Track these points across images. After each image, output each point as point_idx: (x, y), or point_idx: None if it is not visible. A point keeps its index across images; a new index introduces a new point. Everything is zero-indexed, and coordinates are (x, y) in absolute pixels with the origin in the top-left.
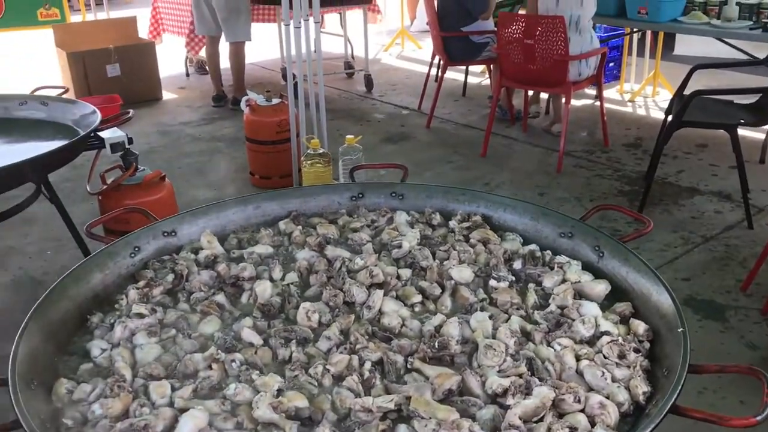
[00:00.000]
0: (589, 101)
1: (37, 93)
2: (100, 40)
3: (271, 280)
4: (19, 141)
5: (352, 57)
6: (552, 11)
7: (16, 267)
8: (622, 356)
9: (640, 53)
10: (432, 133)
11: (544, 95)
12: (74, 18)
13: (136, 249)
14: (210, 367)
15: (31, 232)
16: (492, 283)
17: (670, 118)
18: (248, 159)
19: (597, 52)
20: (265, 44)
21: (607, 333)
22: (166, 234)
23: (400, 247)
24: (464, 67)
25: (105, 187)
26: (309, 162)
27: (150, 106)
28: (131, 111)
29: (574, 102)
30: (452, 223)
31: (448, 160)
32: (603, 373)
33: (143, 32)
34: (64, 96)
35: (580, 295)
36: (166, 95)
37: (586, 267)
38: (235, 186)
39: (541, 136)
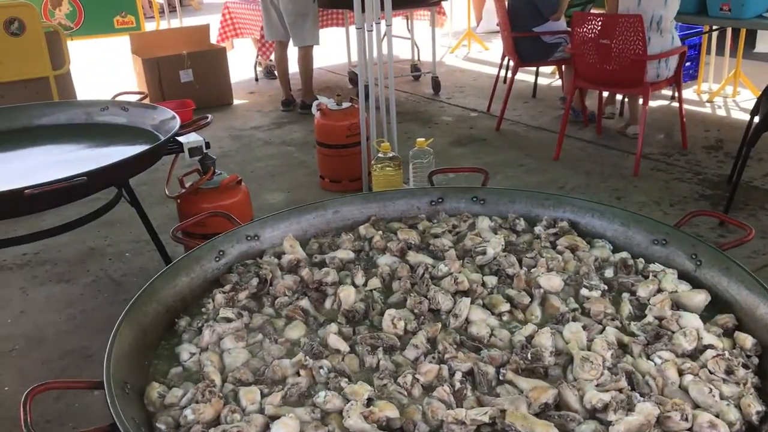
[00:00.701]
0: (664, 102)
1: (118, 99)
2: (173, 46)
3: (354, 285)
4: (102, 145)
5: (419, 59)
6: (633, 10)
7: (96, 268)
8: (729, 372)
9: (719, 51)
10: (502, 135)
11: (618, 96)
12: (149, 25)
13: (221, 253)
14: (298, 374)
15: (110, 234)
16: (583, 292)
17: (756, 119)
18: (318, 162)
19: (676, 51)
20: (331, 48)
21: (711, 347)
22: (249, 238)
23: (484, 253)
24: (534, 68)
25: (183, 190)
26: (379, 165)
27: (221, 111)
28: (210, 116)
29: (650, 103)
30: (538, 229)
31: (520, 163)
32: (710, 389)
33: (215, 39)
34: (143, 101)
35: (677, 305)
36: (237, 100)
37: (683, 276)
38: (305, 189)
39: (616, 138)
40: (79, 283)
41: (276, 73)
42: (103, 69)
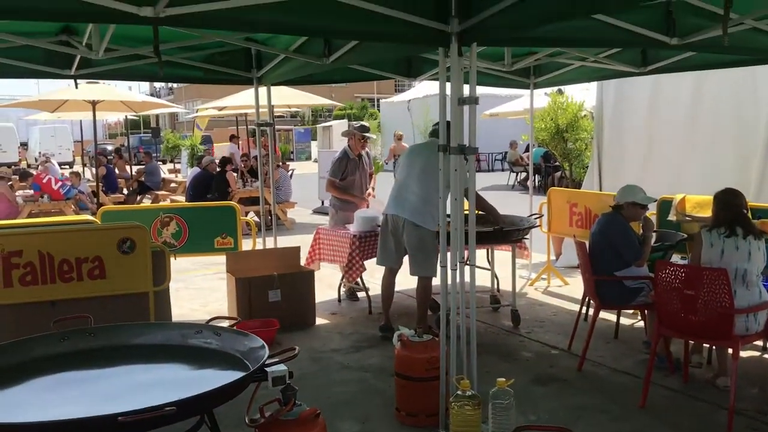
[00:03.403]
0: (756, 353)
1: (212, 323)
2: (265, 267)
3: None
4: (193, 368)
5: (498, 290)
6: (716, 263)
7: None
8: None
9: None
10: (584, 377)
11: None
12: (246, 241)
13: None
14: None
15: None
16: None
17: None
18: (395, 393)
19: (765, 306)
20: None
21: None
22: None
23: None
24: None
25: (263, 420)
26: (458, 404)
27: (303, 331)
28: (297, 349)
29: (740, 354)
30: None
31: (604, 409)
32: None
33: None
34: (235, 327)
35: None
36: (319, 320)
37: None
38: (380, 421)
39: (704, 389)
40: None
41: (381, 297)
42: (198, 282)
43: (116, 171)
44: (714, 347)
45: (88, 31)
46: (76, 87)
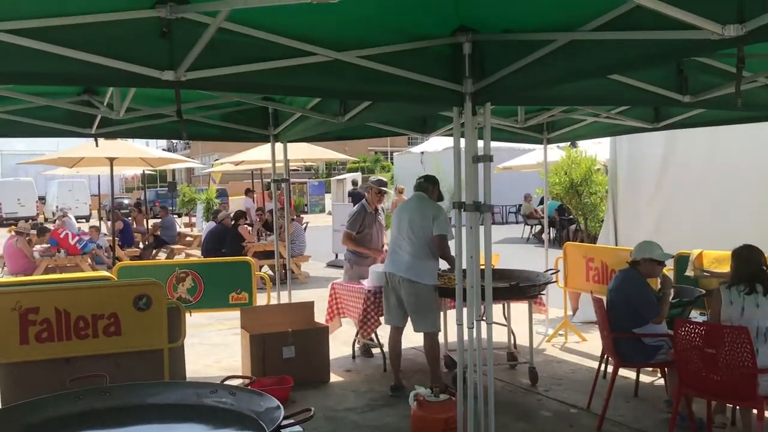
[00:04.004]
0: None
1: (227, 382)
2: (279, 323)
3: None
4: (208, 429)
5: (515, 347)
6: (736, 321)
7: None
8: None
9: None
10: None
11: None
12: (260, 295)
13: None
14: None
15: None
16: None
17: None
18: None
19: None
20: None
21: None
22: None
23: None
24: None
25: None
26: None
27: (317, 388)
28: (312, 410)
29: (766, 415)
30: None
31: None
32: None
33: (318, 316)
34: (250, 386)
35: None
36: (333, 376)
37: None
38: None
39: None
40: None
41: (389, 357)
42: (212, 338)
43: (134, 225)
44: (738, 407)
45: (109, 92)
46: (96, 145)
